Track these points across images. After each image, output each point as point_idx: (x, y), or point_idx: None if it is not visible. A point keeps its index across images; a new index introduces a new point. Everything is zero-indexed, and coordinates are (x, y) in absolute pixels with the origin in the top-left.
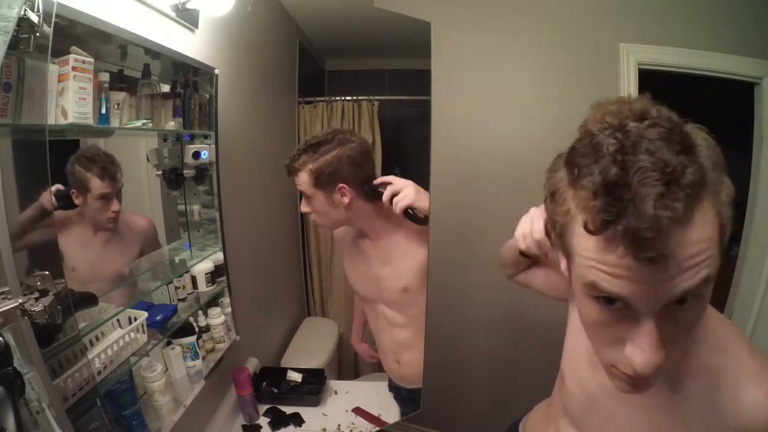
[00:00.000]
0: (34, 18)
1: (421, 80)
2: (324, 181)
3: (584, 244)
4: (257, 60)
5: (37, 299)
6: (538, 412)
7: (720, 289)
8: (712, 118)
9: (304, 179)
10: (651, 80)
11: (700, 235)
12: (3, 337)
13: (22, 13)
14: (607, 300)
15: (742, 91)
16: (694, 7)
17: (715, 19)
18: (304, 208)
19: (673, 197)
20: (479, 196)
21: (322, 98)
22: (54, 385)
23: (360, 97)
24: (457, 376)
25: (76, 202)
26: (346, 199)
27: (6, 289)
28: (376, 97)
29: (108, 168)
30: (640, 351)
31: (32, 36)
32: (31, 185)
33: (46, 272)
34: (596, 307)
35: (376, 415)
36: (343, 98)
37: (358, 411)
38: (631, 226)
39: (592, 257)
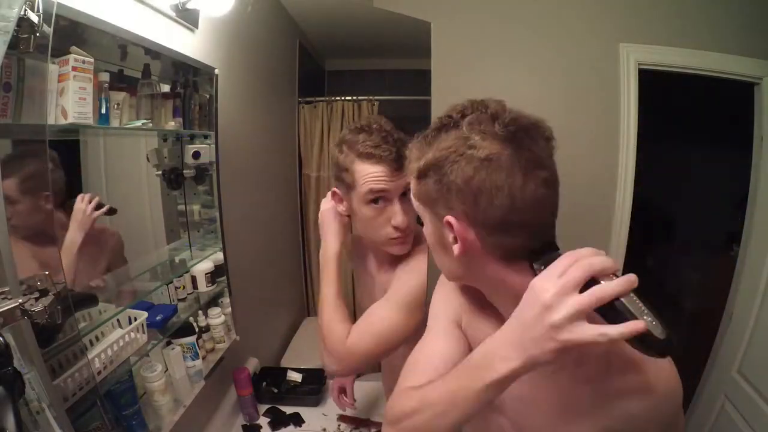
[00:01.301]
0: (34, 18)
1: (422, 80)
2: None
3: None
4: (257, 60)
5: (37, 299)
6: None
7: (720, 289)
8: (712, 118)
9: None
10: (651, 80)
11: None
12: (3, 337)
13: (22, 13)
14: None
15: (742, 91)
16: (694, 7)
17: (715, 19)
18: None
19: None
20: None
21: (322, 98)
22: (54, 385)
23: (360, 98)
24: None
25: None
26: None
27: (6, 289)
28: (376, 98)
29: None
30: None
31: (32, 36)
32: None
33: (46, 272)
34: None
35: (363, 418)
36: (343, 98)
37: (343, 419)
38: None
39: None
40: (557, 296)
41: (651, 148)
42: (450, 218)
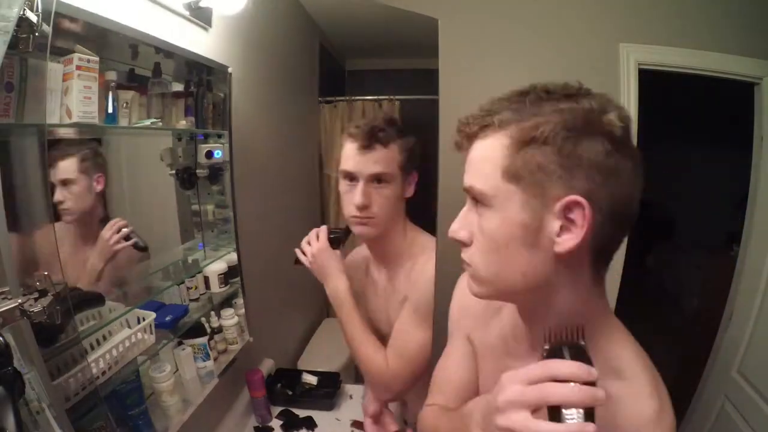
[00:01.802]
0: (33, 17)
1: None
2: None
3: None
4: (275, 59)
5: (36, 300)
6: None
7: (720, 289)
8: (712, 118)
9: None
10: (651, 80)
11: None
12: (3, 337)
13: (22, 13)
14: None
15: (742, 91)
16: (694, 7)
17: (715, 19)
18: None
19: None
20: None
21: (342, 98)
22: (54, 385)
23: (380, 97)
24: None
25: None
26: None
27: (6, 289)
28: (397, 97)
29: None
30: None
31: (31, 36)
32: (33, 185)
33: (45, 272)
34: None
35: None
36: (363, 98)
37: (356, 425)
38: None
39: None
40: (509, 383)
41: (651, 148)
42: (578, 198)
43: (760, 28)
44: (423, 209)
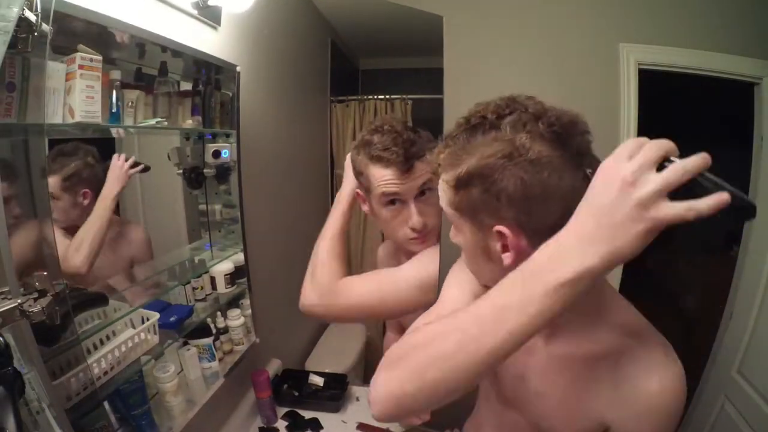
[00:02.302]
0: (31, 17)
1: None
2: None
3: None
4: (285, 58)
5: (35, 300)
6: (478, 409)
7: (720, 289)
8: (712, 118)
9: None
10: (651, 80)
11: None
12: (3, 337)
13: (22, 12)
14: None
15: (742, 91)
16: (693, 7)
17: (715, 19)
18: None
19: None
20: None
21: (354, 97)
22: (54, 385)
23: (393, 96)
24: None
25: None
26: None
27: (6, 289)
28: (409, 96)
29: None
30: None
31: (30, 35)
32: (34, 184)
33: (44, 272)
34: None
35: (384, 428)
36: (375, 97)
37: (362, 427)
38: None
39: None
40: (639, 172)
41: None
42: (502, 228)
43: (760, 28)
44: None
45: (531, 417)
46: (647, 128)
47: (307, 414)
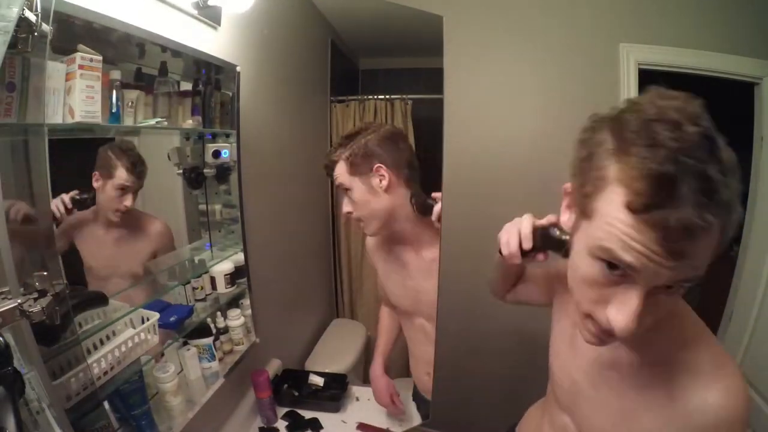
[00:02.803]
0: (31, 17)
1: None
2: (359, 165)
3: (615, 213)
4: (286, 58)
5: (35, 300)
6: (533, 411)
7: (720, 289)
8: (712, 118)
9: (340, 170)
10: (651, 80)
11: (711, 242)
12: (3, 337)
13: (22, 12)
14: (611, 265)
15: (742, 91)
16: (693, 7)
17: (715, 19)
18: (346, 207)
19: (712, 211)
20: (490, 198)
21: (354, 97)
22: (54, 385)
23: (392, 96)
24: (470, 381)
25: (95, 184)
26: (384, 182)
27: (6, 289)
28: (409, 96)
29: (137, 164)
30: (623, 315)
31: (30, 35)
32: (34, 185)
33: (45, 272)
34: (597, 267)
35: (384, 429)
36: (375, 97)
37: (362, 427)
38: (667, 220)
39: (619, 224)
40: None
41: None
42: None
43: (760, 28)
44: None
45: (580, 423)
46: None
47: (307, 414)
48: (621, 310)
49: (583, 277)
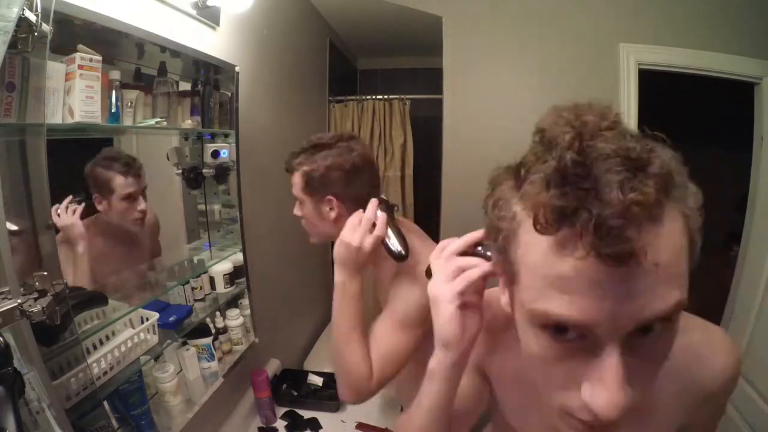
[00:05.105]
0: (31, 17)
1: None
2: (314, 187)
3: (533, 254)
4: (284, 58)
5: (35, 300)
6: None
7: (720, 289)
8: (712, 118)
9: (296, 180)
10: (651, 80)
11: (671, 241)
12: (3, 337)
13: (22, 12)
14: (558, 329)
15: (742, 91)
16: (694, 7)
17: (715, 19)
18: (296, 211)
19: (641, 183)
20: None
21: (353, 97)
22: (54, 385)
23: (391, 96)
24: None
25: (99, 207)
26: (333, 213)
27: (6, 289)
28: (407, 96)
29: (131, 165)
30: (601, 391)
31: (30, 35)
32: (34, 185)
33: (45, 273)
34: (545, 339)
35: (383, 428)
36: (373, 97)
37: (361, 427)
38: (593, 216)
39: (542, 272)
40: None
41: None
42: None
43: (760, 28)
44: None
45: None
46: (647, 128)
47: (306, 414)
48: (597, 386)
49: (537, 356)
